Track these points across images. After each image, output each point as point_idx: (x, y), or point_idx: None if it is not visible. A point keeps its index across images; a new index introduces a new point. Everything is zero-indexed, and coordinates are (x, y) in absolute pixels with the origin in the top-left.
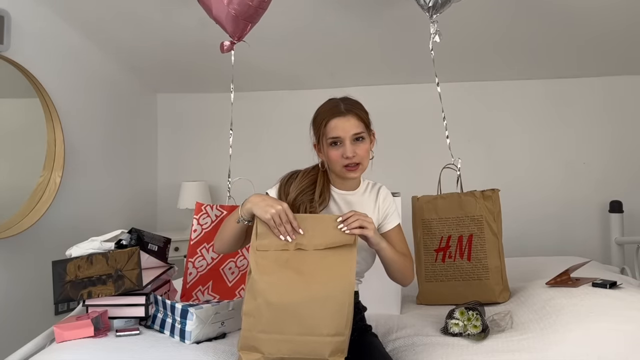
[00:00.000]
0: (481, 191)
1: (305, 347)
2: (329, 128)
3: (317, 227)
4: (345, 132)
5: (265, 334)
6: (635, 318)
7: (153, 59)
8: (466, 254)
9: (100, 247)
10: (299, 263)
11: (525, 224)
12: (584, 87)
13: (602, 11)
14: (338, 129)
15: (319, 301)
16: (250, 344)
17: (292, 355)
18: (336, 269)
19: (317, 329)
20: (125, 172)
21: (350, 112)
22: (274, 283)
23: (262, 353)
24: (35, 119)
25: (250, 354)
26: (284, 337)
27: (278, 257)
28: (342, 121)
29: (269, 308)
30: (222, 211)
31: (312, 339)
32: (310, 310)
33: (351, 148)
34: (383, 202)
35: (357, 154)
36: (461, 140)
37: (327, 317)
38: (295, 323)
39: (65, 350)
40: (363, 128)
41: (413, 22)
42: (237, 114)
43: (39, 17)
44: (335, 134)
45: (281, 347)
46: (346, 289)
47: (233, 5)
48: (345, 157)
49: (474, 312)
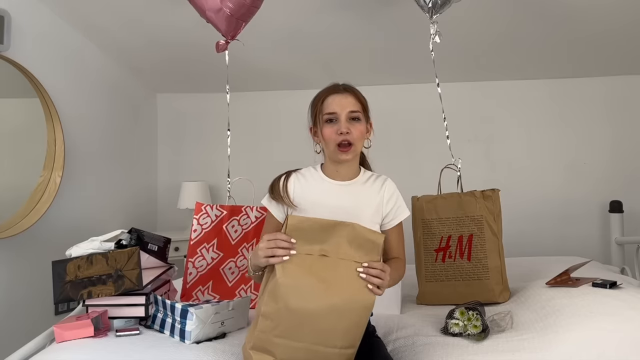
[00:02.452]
0: (481, 191)
1: (317, 356)
2: (326, 104)
3: (346, 238)
4: (341, 108)
5: (280, 338)
6: (635, 318)
7: (153, 59)
8: (466, 254)
9: (100, 247)
10: (323, 270)
11: (526, 224)
12: (584, 87)
13: (602, 11)
14: (334, 104)
15: (339, 312)
16: (264, 346)
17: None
18: (359, 282)
19: (332, 340)
20: (125, 172)
21: (348, 91)
22: (296, 288)
23: (275, 357)
24: (35, 119)
25: (262, 355)
26: (299, 345)
27: (302, 261)
28: (340, 97)
29: (289, 314)
30: (222, 211)
31: (325, 350)
32: (328, 321)
33: (346, 124)
34: (389, 197)
35: (352, 132)
36: (461, 140)
37: (344, 329)
38: (311, 332)
39: (65, 350)
40: (360, 109)
41: (413, 23)
42: (237, 114)
43: (39, 17)
44: (331, 110)
45: (294, 354)
46: (367, 304)
47: (228, 4)
48: (339, 132)
49: (474, 312)
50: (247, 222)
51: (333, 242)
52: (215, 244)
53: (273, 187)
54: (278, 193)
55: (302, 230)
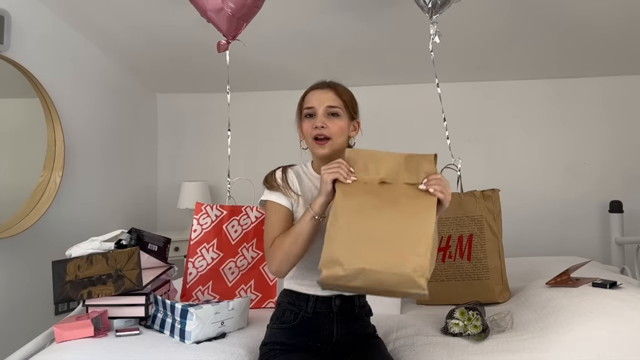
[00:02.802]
0: (481, 191)
1: (386, 260)
2: (306, 99)
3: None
4: (319, 103)
5: (345, 248)
6: (635, 318)
7: (153, 59)
8: (466, 254)
9: (100, 247)
10: (383, 193)
11: (526, 224)
12: (584, 87)
13: (602, 11)
14: (313, 99)
15: (398, 226)
16: (331, 258)
17: (373, 266)
18: (418, 202)
19: (397, 248)
20: (125, 172)
21: (328, 87)
22: (355, 205)
23: (342, 264)
24: (35, 119)
25: (330, 268)
26: (364, 252)
27: (362, 186)
28: (319, 92)
29: (349, 228)
30: (222, 211)
31: (392, 255)
32: (389, 234)
33: (322, 119)
34: None
35: (328, 126)
36: (461, 141)
37: (409, 237)
38: (374, 243)
39: (65, 350)
40: (339, 104)
41: (413, 23)
42: (237, 114)
43: (39, 17)
44: (309, 104)
45: (361, 257)
46: (427, 216)
47: (229, 4)
48: (314, 126)
49: (474, 312)
50: (247, 222)
51: (390, 170)
52: (215, 244)
53: (273, 181)
54: (280, 184)
55: (359, 161)
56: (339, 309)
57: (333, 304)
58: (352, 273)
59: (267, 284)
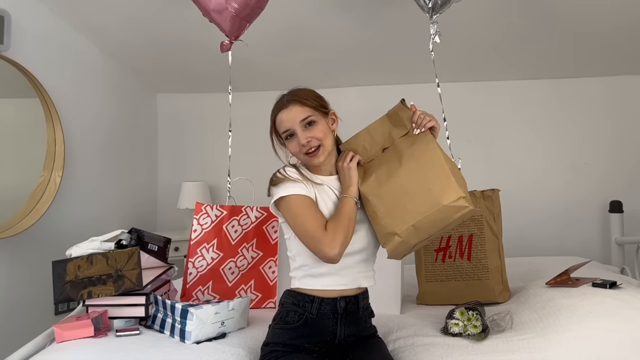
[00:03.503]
0: (481, 191)
1: (422, 208)
2: (278, 123)
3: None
4: (292, 123)
5: (387, 218)
6: (635, 318)
7: (153, 59)
8: (466, 254)
9: (100, 247)
10: (388, 157)
11: (526, 224)
12: (584, 87)
13: (603, 11)
14: (283, 121)
15: (411, 170)
16: (384, 233)
17: (418, 218)
18: (417, 141)
19: (420, 188)
20: (125, 172)
21: (291, 102)
22: (374, 181)
23: (397, 233)
24: (35, 119)
25: (390, 242)
26: (402, 211)
27: (371, 164)
28: (286, 113)
29: (379, 199)
30: (222, 211)
31: (423, 198)
32: (410, 180)
33: (303, 135)
34: None
35: (313, 137)
36: (461, 141)
37: (423, 175)
38: (405, 197)
39: (65, 350)
40: (310, 112)
41: (413, 23)
42: (237, 114)
43: (39, 17)
44: (284, 128)
45: (406, 219)
46: (430, 149)
47: (233, 4)
48: (301, 145)
49: (474, 312)
50: (247, 222)
51: (383, 135)
52: (215, 244)
53: (288, 176)
54: (299, 177)
55: (357, 146)
56: (344, 310)
57: (338, 306)
58: (407, 234)
59: (267, 284)
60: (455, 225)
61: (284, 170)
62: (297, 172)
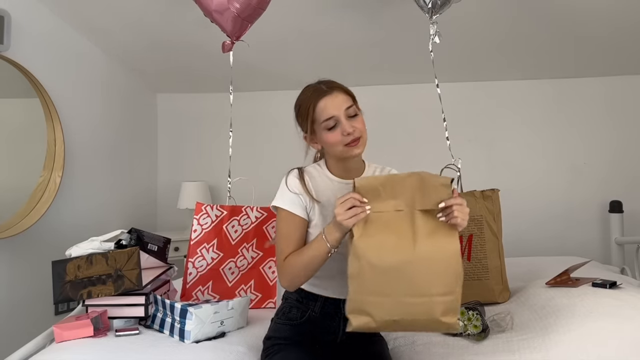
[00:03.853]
0: (481, 191)
1: (415, 309)
2: (319, 110)
3: (417, 188)
4: (338, 109)
5: (373, 296)
6: (635, 318)
7: (153, 59)
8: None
9: (100, 247)
10: (400, 224)
11: (525, 224)
12: (584, 87)
13: (604, 11)
14: (329, 107)
15: (424, 262)
16: (359, 307)
17: (403, 317)
18: (439, 230)
19: (425, 288)
20: (125, 172)
21: (334, 89)
22: (376, 244)
23: (372, 317)
24: (35, 119)
25: (359, 317)
26: (392, 299)
27: (378, 218)
28: (331, 99)
29: (373, 270)
30: (222, 211)
31: (420, 299)
32: (415, 271)
33: (349, 124)
34: None
35: (357, 127)
36: (461, 141)
37: (434, 276)
38: (401, 284)
39: (65, 350)
40: (352, 102)
41: (413, 23)
42: (237, 114)
43: (39, 17)
44: (328, 114)
45: (390, 310)
46: (452, 249)
47: (235, 4)
48: (346, 133)
49: (474, 312)
50: (247, 222)
51: (405, 195)
52: (215, 244)
53: (288, 184)
54: (298, 188)
55: (371, 189)
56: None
57: (341, 306)
58: (383, 324)
59: (267, 284)
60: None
61: (288, 178)
62: (300, 183)
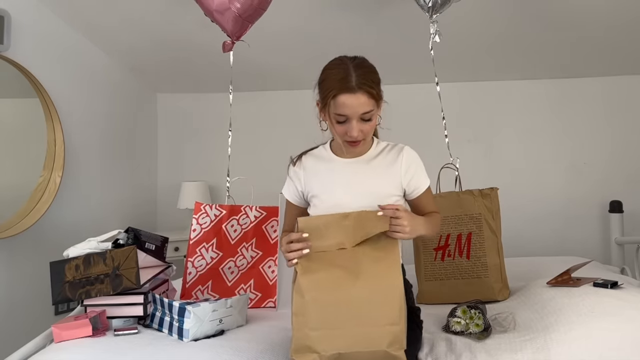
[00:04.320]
0: (480, 190)
1: (361, 339)
2: (337, 104)
3: (357, 223)
4: (353, 112)
5: (316, 330)
6: (636, 318)
7: (153, 59)
8: (465, 252)
9: (97, 247)
10: (344, 261)
11: (526, 224)
12: (584, 87)
13: (603, 11)
14: (346, 107)
15: (367, 294)
16: (304, 344)
17: (349, 350)
18: (382, 263)
19: (369, 319)
20: (125, 172)
21: (361, 89)
22: (320, 280)
23: (317, 352)
24: (35, 119)
25: (304, 356)
26: (337, 332)
27: (321, 257)
28: (351, 99)
29: (317, 304)
30: (222, 211)
31: (366, 329)
32: (359, 303)
33: (357, 127)
34: (407, 166)
35: (363, 131)
36: (461, 141)
37: (378, 308)
38: (345, 316)
39: (64, 350)
40: (373, 105)
41: (413, 22)
42: (237, 114)
43: (39, 17)
44: (342, 111)
45: (336, 342)
46: (393, 282)
47: (235, 4)
48: (349, 134)
49: (476, 310)
50: (246, 221)
51: (346, 233)
52: (214, 243)
53: (289, 171)
54: (294, 173)
55: (313, 229)
56: None
57: None
58: (326, 357)
59: (267, 283)
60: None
61: (290, 165)
62: (297, 168)
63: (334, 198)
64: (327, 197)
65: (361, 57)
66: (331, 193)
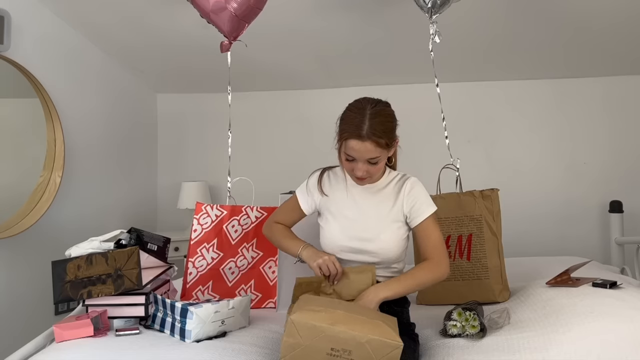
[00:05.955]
0: (480, 191)
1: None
2: (347, 146)
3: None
4: (360, 156)
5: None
6: (635, 318)
7: (153, 59)
8: (466, 253)
9: (100, 247)
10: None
11: (526, 224)
12: (584, 87)
13: (603, 11)
14: (354, 150)
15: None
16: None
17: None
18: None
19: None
20: (125, 172)
21: (370, 138)
22: (319, 312)
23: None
24: (35, 119)
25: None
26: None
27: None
28: (360, 145)
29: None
30: (222, 211)
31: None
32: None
33: (363, 168)
34: (407, 195)
35: (368, 172)
36: (461, 141)
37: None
38: (349, 317)
39: (65, 350)
40: (380, 152)
41: (413, 23)
42: (237, 114)
43: (39, 17)
44: (350, 154)
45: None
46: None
47: (232, 4)
48: (355, 173)
49: (471, 312)
50: (247, 222)
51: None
52: (215, 243)
53: (309, 182)
54: (314, 187)
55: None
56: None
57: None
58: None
59: (267, 284)
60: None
61: (311, 176)
62: (318, 182)
63: (344, 216)
64: (339, 214)
65: (384, 102)
66: (342, 212)
